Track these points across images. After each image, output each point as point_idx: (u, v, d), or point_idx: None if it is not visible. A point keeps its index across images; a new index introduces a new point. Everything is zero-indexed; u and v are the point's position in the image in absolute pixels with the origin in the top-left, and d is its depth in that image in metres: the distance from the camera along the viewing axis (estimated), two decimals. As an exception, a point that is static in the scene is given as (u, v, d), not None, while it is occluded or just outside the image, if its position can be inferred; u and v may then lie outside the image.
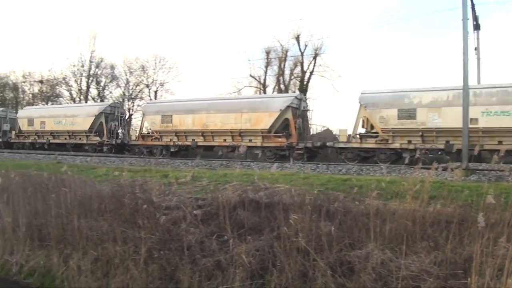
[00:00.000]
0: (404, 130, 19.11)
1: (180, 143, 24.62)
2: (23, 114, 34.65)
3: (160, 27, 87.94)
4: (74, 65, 53.48)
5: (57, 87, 55.79)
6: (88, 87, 54.05)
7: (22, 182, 11.72)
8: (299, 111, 22.92)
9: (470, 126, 15.24)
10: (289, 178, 11.01)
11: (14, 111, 40.11)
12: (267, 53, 44.55)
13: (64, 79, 54.02)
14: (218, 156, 19.99)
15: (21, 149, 30.51)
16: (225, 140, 23.38)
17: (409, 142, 19.01)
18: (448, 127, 17.70)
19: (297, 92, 29.28)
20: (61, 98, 55.04)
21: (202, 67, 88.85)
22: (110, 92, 54.49)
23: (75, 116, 30.02)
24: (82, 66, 53.45)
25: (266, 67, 45.12)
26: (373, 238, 7.11)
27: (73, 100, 52.93)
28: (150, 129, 26.81)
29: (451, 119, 17.17)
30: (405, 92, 19.67)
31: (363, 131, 20.72)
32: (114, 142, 28.07)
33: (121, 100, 50.57)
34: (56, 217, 10.02)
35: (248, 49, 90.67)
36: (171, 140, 25.16)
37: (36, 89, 56.69)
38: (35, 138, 31.95)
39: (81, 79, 53.75)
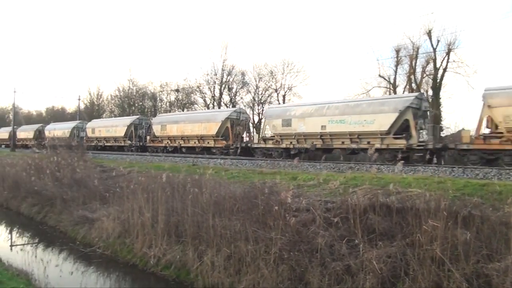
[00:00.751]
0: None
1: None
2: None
3: (288, 31, 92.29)
4: (207, 74, 62.73)
5: (192, 95, 65.58)
6: (220, 94, 62.33)
7: (161, 182, 13.63)
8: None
9: (321, 131, 25.50)
10: (422, 182, 11.57)
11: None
12: (397, 51, 45.15)
13: (198, 87, 63.57)
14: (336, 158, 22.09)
15: (155, 153, 36.54)
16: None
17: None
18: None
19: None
20: (195, 105, 64.89)
21: (330, 69, 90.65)
22: (241, 98, 62.39)
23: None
24: (215, 74, 62.13)
25: (396, 66, 45.69)
26: (514, 250, 7.46)
27: (207, 106, 61.39)
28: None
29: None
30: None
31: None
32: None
33: (251, 105, 58.31)
34: (192, 215, 11.94)
35: (377, 48, 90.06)
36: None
37: (172, 97, 68.49)
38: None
39: (214, 86, 62.63)
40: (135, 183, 14.82)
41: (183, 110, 60.74)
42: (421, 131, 23.63)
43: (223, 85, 61.92)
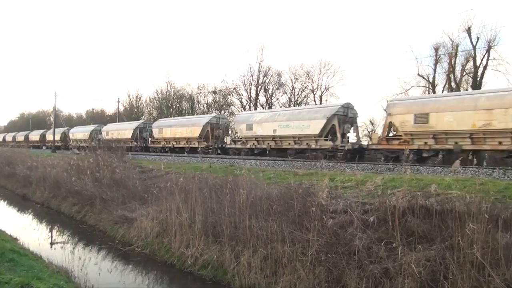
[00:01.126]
0: None
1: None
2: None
3: (325, 31, 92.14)
4: (244, 75, 64.08)
5: (228, 96, 67.17)
6: (257, 95, 63.38)
7: (198, 183, 13.84)
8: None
9: (273, 134, 31.14)
10: (462, 184, 11.41)
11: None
12: (436, 49, 44.74)
13: (235, 88, 64.83)
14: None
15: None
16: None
17: None
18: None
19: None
20: (232, 106, 66.76)
21: (368, 69, 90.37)
22: (277, 99, 63.47)
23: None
24: (251, 75, 63.23)
25: (435, 64, 45.33)
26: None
27: (244, 107, 62.93)
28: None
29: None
30: None
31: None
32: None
33: (287, 106, 58.29)
34: (229, 216, 12.03)
35: (415, 47, 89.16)
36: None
37: (209, 99, 70.21)
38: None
39: (250, 87, 63.86)
40: (173, 184, 15.09)
41: (220, 112, 61.85)
42: (348, 134, 28.98)
43: (259, 86, 62.83)
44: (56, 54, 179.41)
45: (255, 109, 59.41)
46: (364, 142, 31.81)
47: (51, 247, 16.01)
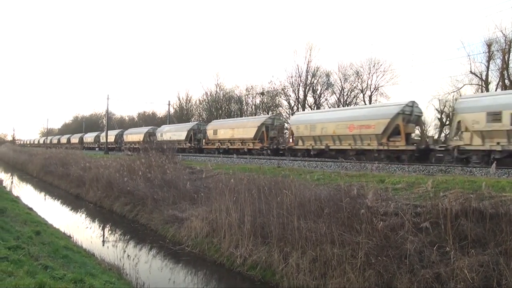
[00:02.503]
0: None
1: (222, 147, 37.60)
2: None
3: (374, 30, 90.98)
4: (292, 76, 63.98)
5: (276, 97, 67.33)
6: (305, 96, 63.47)
7: (247, 183, 14.04)
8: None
9: (229, 137, 41.98)
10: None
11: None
12: (489, 45, 43.37)
13: (283, 89, 65.01)
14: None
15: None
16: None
17: None
18: None
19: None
20: (280, 108, 66.93)
21: (419, 67, 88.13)
22: (326, 99, 63.26)
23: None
24: (299, 76, 63.22)
25: (488, 61, 44.02)
26: None
27: (291, 108, 63.23)
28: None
29: None
30: None
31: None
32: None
33: (336, 106, 57.79)
34: (278, 217, 12.12)
35: (468, 43, 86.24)
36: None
37: (258, 100, 70.69)
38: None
39: (298, 88, 63.74)
40: (222, 184, 15.38)
41: (267, 113, 61.70)
42: (274, 137, 38.17)
43: (308, 87, 62.74)
44: (109, 59, 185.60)
45: (303, 109, 59.21)
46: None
47: (103, 245, 16.66)
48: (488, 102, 22.81)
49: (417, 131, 28.80)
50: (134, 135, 63.39)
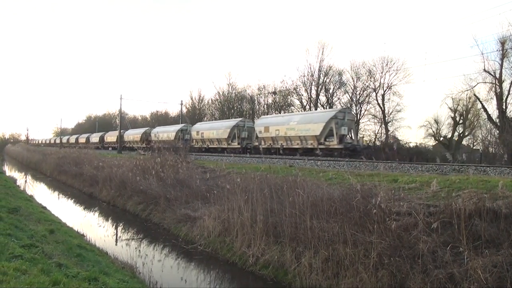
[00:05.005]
0: None
1: (204, 146, 40.80)
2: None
3: (386, 28, 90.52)
4: (304, 75, 63.67)
5: (288, 96, 66.86)
6: (317, 95, 62.88)
7: (259, 183, 14.12)
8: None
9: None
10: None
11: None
12: (502, 43, 42.58)
13: (295, 89, 64.69)
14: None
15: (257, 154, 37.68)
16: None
17: None
18: None
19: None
20: (292, 107, 66.13)
21: (431, 66, 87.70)
22: (338, 99, 62.59)
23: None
24: (312, 75, 62.78)
25: (502, 59, 43.26)
26: None
27: (304, 108, 62.72)
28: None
29: None
30: None
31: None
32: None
33: (348, 105, 57.96)
34: (290, 216, 12.24)
35: (481, 41, 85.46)
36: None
37: (270, 100, 70.33)
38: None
39: (310, 87, 63.38)
40: (234, 184, 15.48)
41: (279, 112, 61.74)
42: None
43: (320, 86, 62.37)
44: (122, 59, 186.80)
45: (315, 109, 58.99)
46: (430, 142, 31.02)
47: (116, 243, 16.82)
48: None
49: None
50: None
